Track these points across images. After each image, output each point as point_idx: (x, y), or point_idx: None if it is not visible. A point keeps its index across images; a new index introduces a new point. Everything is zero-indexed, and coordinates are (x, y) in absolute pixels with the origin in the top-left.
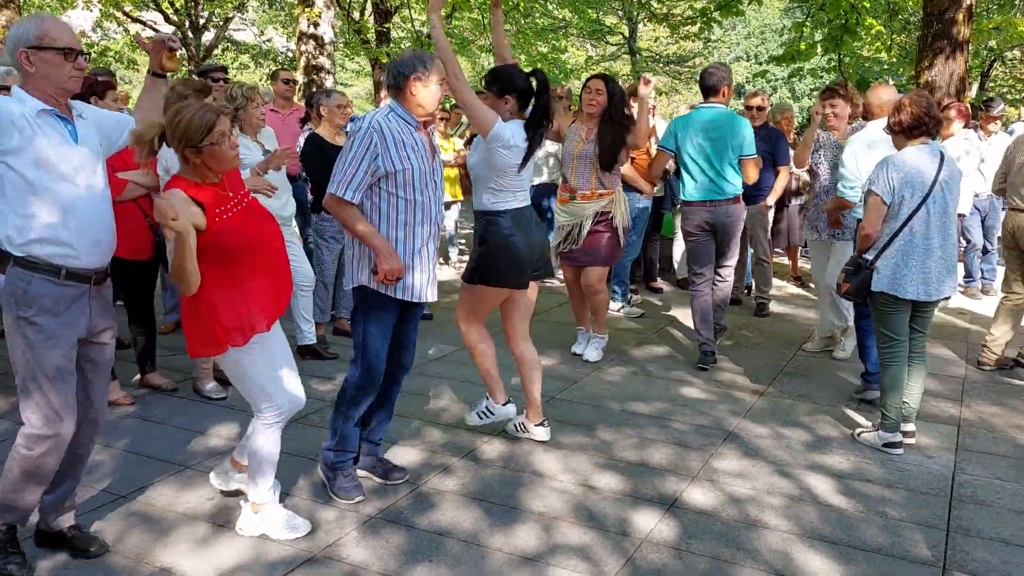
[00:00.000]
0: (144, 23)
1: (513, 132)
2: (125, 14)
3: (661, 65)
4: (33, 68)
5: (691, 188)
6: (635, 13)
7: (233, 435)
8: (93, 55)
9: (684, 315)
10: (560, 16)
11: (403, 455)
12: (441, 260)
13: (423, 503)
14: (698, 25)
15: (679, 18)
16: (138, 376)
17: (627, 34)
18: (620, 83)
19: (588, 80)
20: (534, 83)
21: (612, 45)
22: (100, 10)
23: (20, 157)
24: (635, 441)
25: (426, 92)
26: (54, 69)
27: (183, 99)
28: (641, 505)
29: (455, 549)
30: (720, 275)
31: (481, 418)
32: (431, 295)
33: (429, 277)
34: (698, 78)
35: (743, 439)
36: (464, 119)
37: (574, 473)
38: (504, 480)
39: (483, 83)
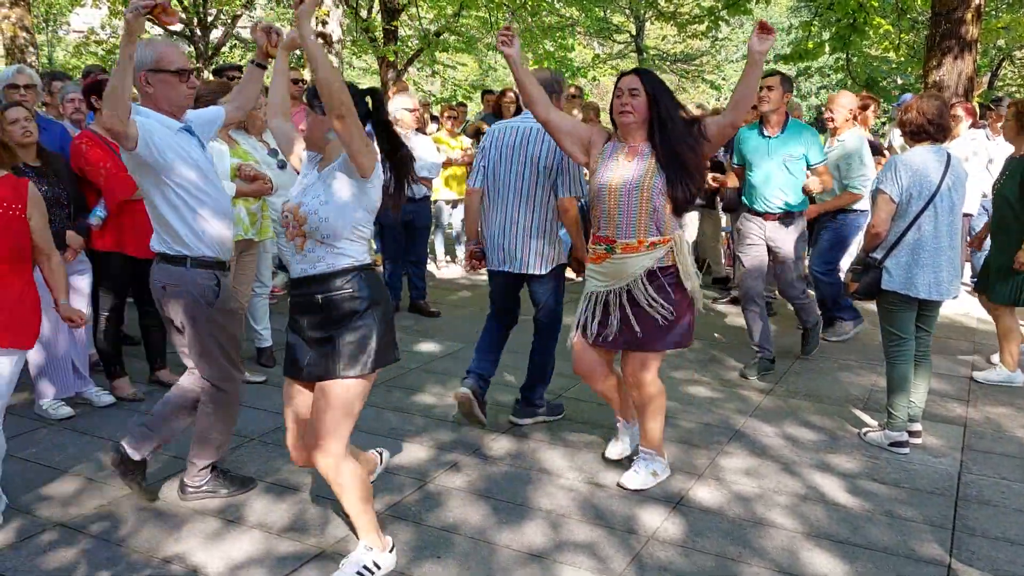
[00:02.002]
0: (153, 20)
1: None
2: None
3: (668, 63)
4: (152, 89)
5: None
6: (642, 11)
7: (240, 431)
8: (101, 52)
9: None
10: (567, 14)
11: (411, 452)
12: (448, 259)
13: (431, 500)
14: (705, 23)
15: (686, 16)
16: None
17: (634, 32)
18: None
19: (619, 79)
20: (369, 103)
21: (619, 43)
22: (108, 7)
23: (176, 172)
24: None
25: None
26: (171, 89)
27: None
28: (648, 503)
29: (463, 545)
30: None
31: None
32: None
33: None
34: (704, 76)
35: (750, 438)
36: (469, 116)
37: (581, 471)
38: (511, 477)
39: (304, 98)
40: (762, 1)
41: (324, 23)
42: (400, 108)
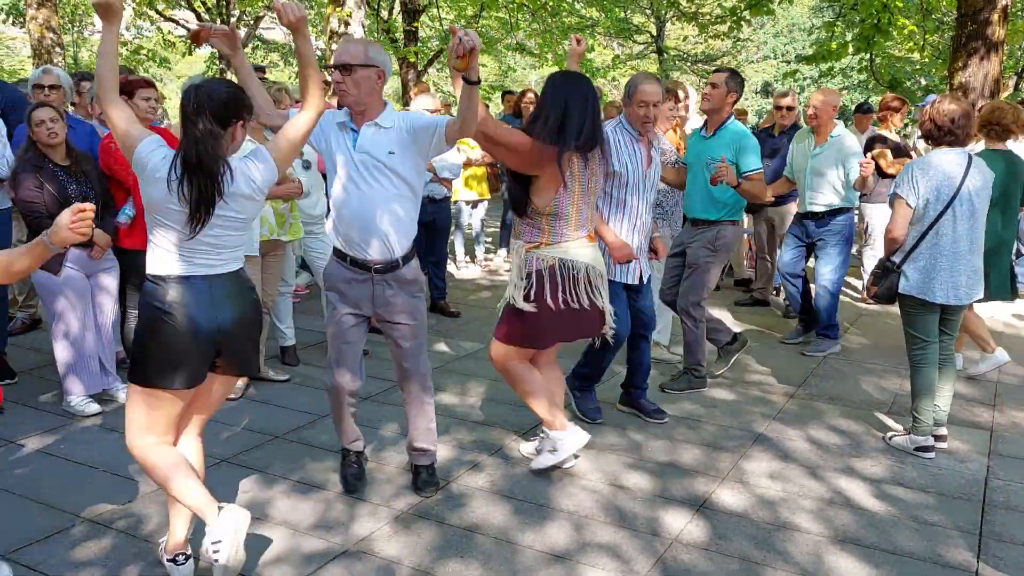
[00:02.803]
0: (176, 22)
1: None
2: (158, 13)
3: (689, 64)
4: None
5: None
6: (663, 12)
7: (264, 429)
8: (125, 53)
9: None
10: (587, 15)
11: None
12: (468, 259)
13: (454, 500)
14: (728, 24)
15: (708, 17)
16: None
17: (654, 33)
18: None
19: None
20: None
21: (639, 44)
22: (133, 9)
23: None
24: (664, 442)
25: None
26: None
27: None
28: (671, 505)
29: (486, 545)
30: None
31: None
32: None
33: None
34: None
35: (773, 441)
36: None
37: (604, 473)
38: (533, 478)
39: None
40: (784, 1)
41: (347, 24)
42: (421, 109)
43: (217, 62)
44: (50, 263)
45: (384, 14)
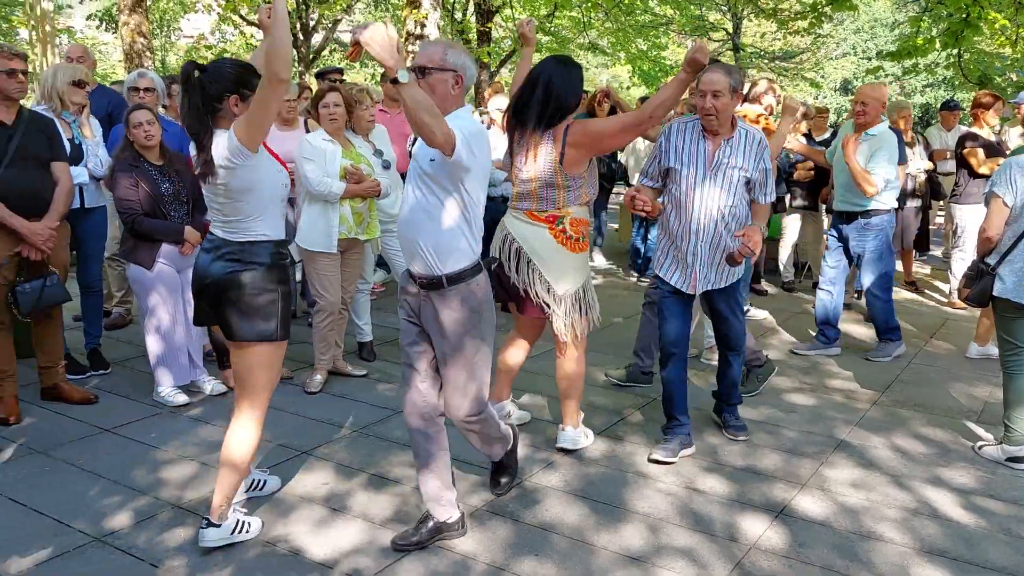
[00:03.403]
0: (257, 26)
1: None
2: (241, 17)
3: (766, 61)
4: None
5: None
6: (740, 8)
7: (342, 423)
8: (211, 57)
9: (790, 319)
10: (662, 13)
11: None
12: None
13: (528, 498)
14: (808, 20)
15: (787, 13)
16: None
17: (730, 30)
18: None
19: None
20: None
21: (715, 41)
22: (218, 14)
23: (474, 178)
24: (742, 446)
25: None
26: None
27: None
28: (749, 511)
29: (561, 545)
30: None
31: None
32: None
33: (688, 271)
34: (804, 75)
35: (856, 448)
36: None
37: (679, 475)
38: (608, 479)
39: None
40: None
41: (423, 25)
42: (495, 108)
43: (296, 64)
44: (143, 258)
45: (458, 15)
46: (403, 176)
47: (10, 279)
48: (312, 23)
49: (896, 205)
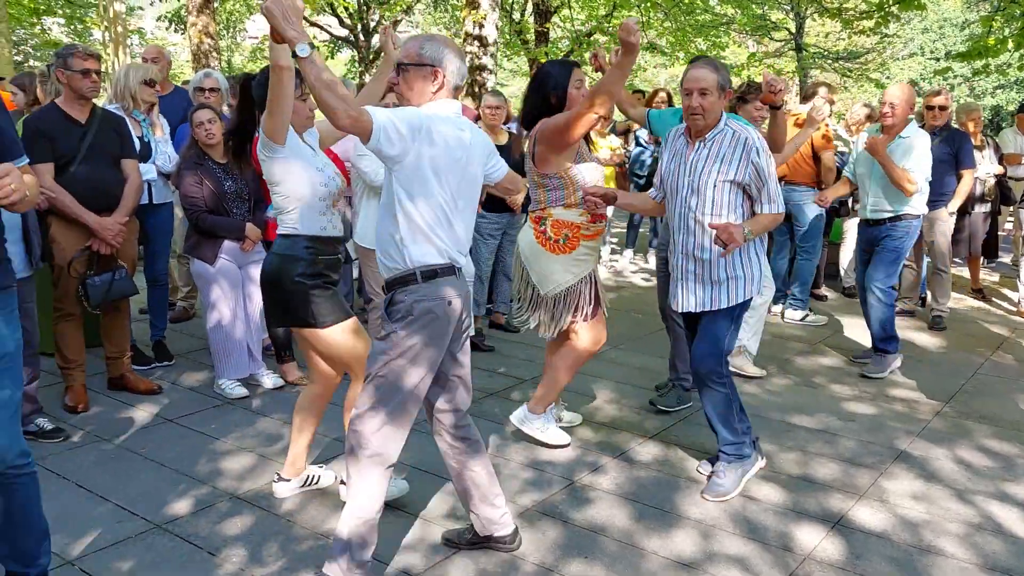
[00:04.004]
0: (320, 27)
1: None
2: (304, 18)
3: (829, 62)
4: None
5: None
6: (803, 7)
7: None
8: None
9: (851, 324)
10: (723, 12)
11: (556, 451)
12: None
13: (578, 499)
14: (874, 19)
15: (852, 12)
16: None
17: (793, 30)
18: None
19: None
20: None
21: (776, 41)
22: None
23: (411, 173)
24: (798, 454)
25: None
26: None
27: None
28: (804, 520)
29: (611, 548)
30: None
31: None
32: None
33: (675, 286)
34: (869, 75)
35: (917, 459)
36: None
37: None
38: (659, 483)
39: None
40: None
41: (481, 26)
42: None
43: (356, 65)
44: (205, 253)
45: (516, 16)
46: None
47: (81, 272)
48: (373, 24)
49: (926, 211)
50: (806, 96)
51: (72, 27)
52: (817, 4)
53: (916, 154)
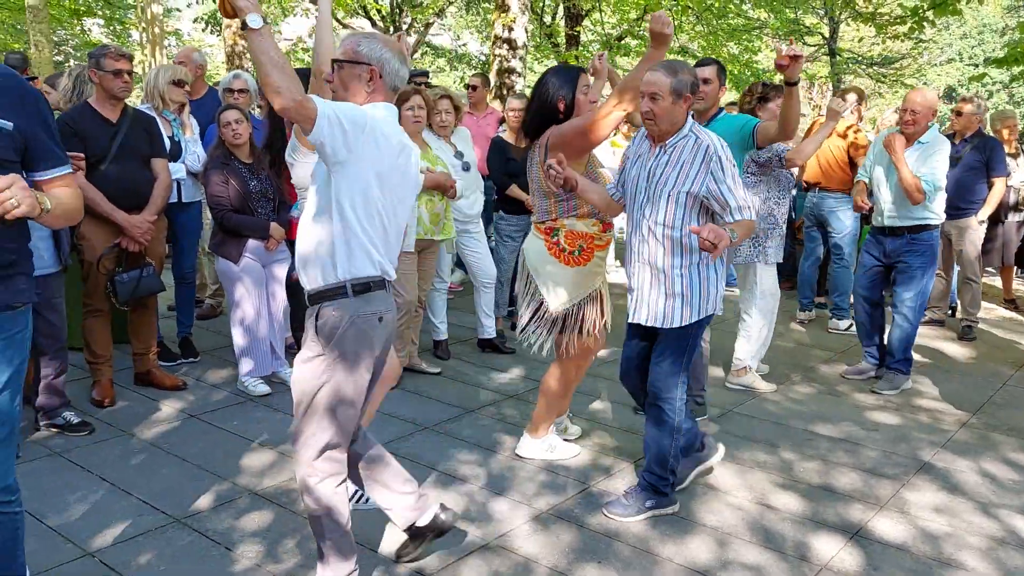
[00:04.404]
0: (353, 29)
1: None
2: (338, 21)
3: (863, 67)
4: None
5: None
6: (838, 12)
7: (414, 419)
8: (308, 59)
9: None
10: (755, 16)
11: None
12: (618, 263)
13: (593, 504)
14: (908, 24)
15: (887, 17)
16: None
17: (827, 34)
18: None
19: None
20: None
21: (810, 46)
22: (317, 18)
23: (350, 175)
24: (818, 463)
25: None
26: None
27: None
28: (822, 530)
29: (625, 553)
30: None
31: None
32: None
33: (631, 295)
34: (904, 81)
35: (941, 471)
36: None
37: (751, 490)
38: (676, 490)
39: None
40: (974, 0)
41: (510, 29)
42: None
43: None
44: (230, 252)
45: (547, 19)
46: (484, 178)
47: (110, 269)
48: (405, 26)
49: (944, 217)
50: None
51: (111, 28)
52: (851, 9)
53: (934, 161)
